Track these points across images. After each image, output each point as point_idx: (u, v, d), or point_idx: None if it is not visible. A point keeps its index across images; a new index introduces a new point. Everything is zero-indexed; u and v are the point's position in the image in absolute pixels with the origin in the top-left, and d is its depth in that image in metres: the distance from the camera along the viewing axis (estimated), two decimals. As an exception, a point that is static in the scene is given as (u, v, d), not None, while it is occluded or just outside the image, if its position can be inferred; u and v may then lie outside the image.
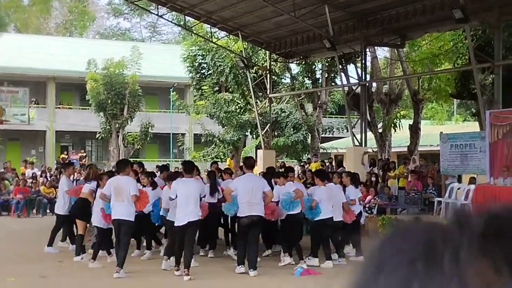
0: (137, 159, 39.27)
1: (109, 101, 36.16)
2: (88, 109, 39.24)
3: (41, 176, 29.19)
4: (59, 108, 46.78)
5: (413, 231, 0.80)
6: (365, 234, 15.73)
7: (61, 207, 14.87)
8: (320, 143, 33.29)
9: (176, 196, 11.70)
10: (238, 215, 12.18)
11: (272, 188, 13.11)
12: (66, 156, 40.42)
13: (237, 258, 12.38)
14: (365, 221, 16.59)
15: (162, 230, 14.90)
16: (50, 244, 14.61)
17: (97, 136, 39.12)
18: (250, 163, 12.93)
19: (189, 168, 12.59)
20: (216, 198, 14.15)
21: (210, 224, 13.82)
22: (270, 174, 15.10)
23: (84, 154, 41.49)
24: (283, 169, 18.34)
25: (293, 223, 13.13)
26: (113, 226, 12.33)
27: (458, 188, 19.37)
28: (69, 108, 47.53)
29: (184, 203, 11.57)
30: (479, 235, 0.74)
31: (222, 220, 15.16)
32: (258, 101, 30.22)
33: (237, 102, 32.46)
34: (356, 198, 14.40)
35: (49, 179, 28.36)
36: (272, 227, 13.85)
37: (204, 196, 12.78)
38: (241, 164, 15.93)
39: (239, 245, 12.46)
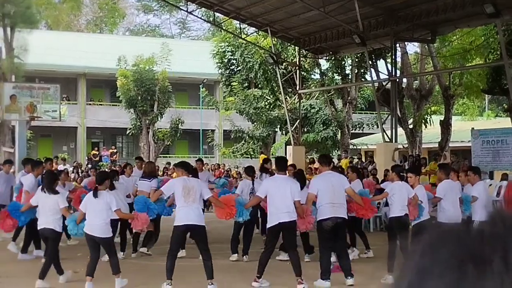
0: (167, 156, 39.51)
1: (139, 98, 36.36)
2: (119, 105, 39.47)
3: (72, 172, 29.46)
4: (89, 104, 47.16)
5: (456, 235, 0.79)
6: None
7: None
8: (350, 139, 33.17)
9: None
10: (319, 218, 10.86)
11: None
12: (97, 152, 40.75)
13: (322, 270, 10.78)
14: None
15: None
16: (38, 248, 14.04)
17: (127, 132, 39.37)
18: (328, 160, 11.74)
19: (284, 165, 11.48)
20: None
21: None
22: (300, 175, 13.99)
23: (115, 150, 41.79)
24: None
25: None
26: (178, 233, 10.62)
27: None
28: (99, 104, 47.89)
29: (279, 202, 10.48)
30: None
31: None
32: (288, 97, 30.18)
33: (267, 98, 32.46)
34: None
35: (80, 175, 28.61)
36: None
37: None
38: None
39: (326, 254, 10.91)
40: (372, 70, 26.75)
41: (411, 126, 28.25)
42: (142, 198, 11.53)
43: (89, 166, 35.61)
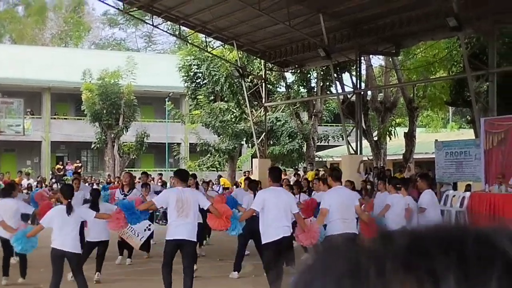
0: (133, 169, 39.29)
1: (105, 111, 36.17)
2: (84, 119, 39.22)
3: (36, 186, 29.13)
4: (54, 118, 46.74)
5: (339, 250, 0.81)
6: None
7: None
8: (316, 152, 33.32)
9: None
10: (329, 233, 10.54)
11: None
12: (62, 167, 40.38)
13: None
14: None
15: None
16: None
17: (92, 146, 39.12)
18: (338, 174, 11.31)
19: (278, 175, 10.98)
20: None
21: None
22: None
23: (80, 165, 41.44)
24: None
25: None
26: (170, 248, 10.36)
27: (454, 196, 19.37)
28: (64, 118, 47.48)
29: (276, 215, 10.09)
30: (404, 251, 0.75)
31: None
32: (254, 110, 30.25)
33: (233, 111, 32.49)
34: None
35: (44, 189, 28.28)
36: None
37: None
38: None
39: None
40: (337, 83, 26.96)
41: (375, 138, 28.46)
42: (129, 203, 10.93)
43: (53, 180, 35.26)
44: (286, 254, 10.40)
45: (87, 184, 26.54)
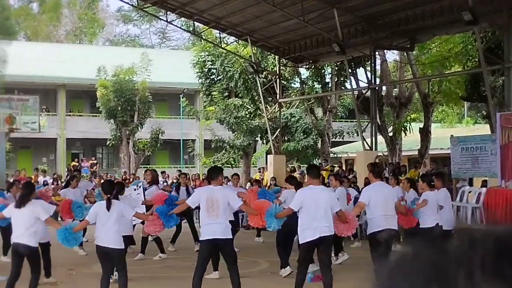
0: (148, 166, 39.37)
1: (119, 108, 36.26)
2: (99, 116, 39.35)
3: (53, 183, 29.24)
4: (69, 115, 46.94)
5: (422, 255, 0.78)
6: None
7: None
8: (331, 148, 33.23)
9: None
10: (372, 230, 10.62)
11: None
12: (77, 164, 40.54)
13: None
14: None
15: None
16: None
17: (107, 143, 39.22)
18: (379, 170, 11.27)
19: (317, 173, 10.77)
20: None
21: None
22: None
23: (95, 161, 41.61)
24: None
25: None
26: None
27: (470, 192, 19.25)
28: (79, 115, 47.69)
29: (315, 215, 9.88)
30: (491, 256, 0.71)
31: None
32: (268, 106, 30.21)
33: (247, 108, 32.46)
34: None
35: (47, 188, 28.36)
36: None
37: None
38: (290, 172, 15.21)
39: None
40: (352, 78, 26.86)
41: (390, 134, 28.34)
42: (166, 208, 10.97)
43: (69, 177, 35.36)
44: (325, 253, 10.25)
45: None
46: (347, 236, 11.54)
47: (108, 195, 9.64)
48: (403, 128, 27.58)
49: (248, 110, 32.46)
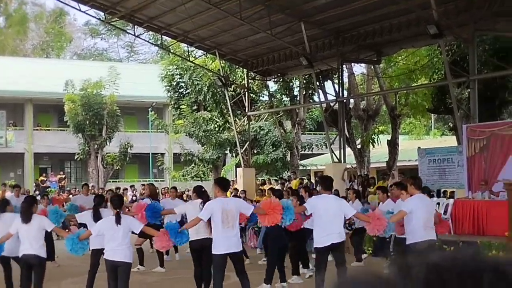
0: (117, 180, 39.19)
1: (88, 122, 36.03)
2: (67, 130, 39.04)
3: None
4: (37, 130, 46.49)
5: (359, 284, 0.80)
6: (346, 250, 15.73)
7: None
8: (300, 160, 33.33)
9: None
10: (413, 240, 10.59)
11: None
12: (45, 178, 40.18)
13: None
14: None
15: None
16: None
17: (76, 157, 38.92)
18: (420, 183, 11.23)
19: (329, 184, 11.09)
20: None
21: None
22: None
23: (63, 176, 41.25)
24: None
25: None
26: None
27: (438, 203, 19.40)
28: (47, 129, 47.24)
29: (327, 222, 10.31)
30: (422, 285, 0.74)
31: None
32: (237, 119, 30.25)
33: (216, 121, 32.46)
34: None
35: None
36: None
37: None
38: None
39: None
40: (320, 91, 27.00)
41: (359, 146, 28.52)
42: (175, 225, 10.87)
43: (37, 192, 35.06)
44: (338, 257, 10.69)
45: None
46: (377, 234, 11.74)
47: (118, 210, 9.83)
48: (371, 140, 27.78)
49: (217, 123, 32.47)
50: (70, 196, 27.70)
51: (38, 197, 29.45)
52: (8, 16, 70.41)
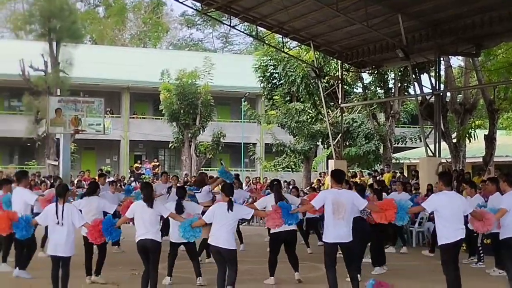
0: (209, 169, 39.67)
1: (182, 111, 36.56)
2: (161, 119, 39.77)
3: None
4: (133, 118, 47.55)
5: None
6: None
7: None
8: (393, 153, 32.90)
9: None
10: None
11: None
12: (140, 165, 41.07)
13: None
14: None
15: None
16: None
17: (170, 145, 39.58)
18: (448, 178, 10.67)
19: (449, 180, 10.65)
20: None
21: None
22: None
23: (157, 163, 42.04)
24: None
25: None
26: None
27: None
28: (142, 118, 48.25)
29: (450, 218, 9.98)
30: None
31: None
32: (330, 111, 30.10)
33: (309, 112, 32.38)
34: None
35: (123, 187, 28.78)
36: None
37: None
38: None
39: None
40: (416, 84, 26.57)
41: (454, 140, 27.92)
42: (289, 206, 10.86)
43: (132, 179, 35.90)
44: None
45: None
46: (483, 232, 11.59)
47: (230, 197, 10.14)
48: (467, 135, 27.12)
49: (310, 115, 32.39)
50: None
51: (133, 184, 30.39)
52: (108, 6, 72.20)
